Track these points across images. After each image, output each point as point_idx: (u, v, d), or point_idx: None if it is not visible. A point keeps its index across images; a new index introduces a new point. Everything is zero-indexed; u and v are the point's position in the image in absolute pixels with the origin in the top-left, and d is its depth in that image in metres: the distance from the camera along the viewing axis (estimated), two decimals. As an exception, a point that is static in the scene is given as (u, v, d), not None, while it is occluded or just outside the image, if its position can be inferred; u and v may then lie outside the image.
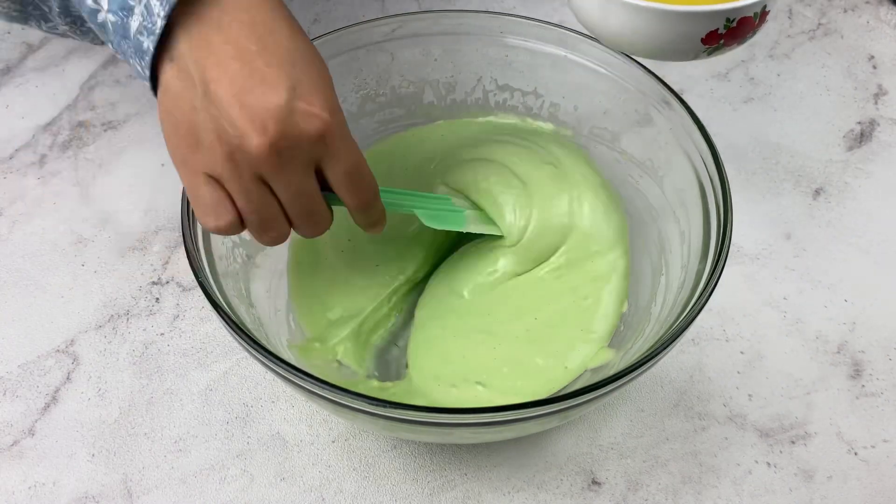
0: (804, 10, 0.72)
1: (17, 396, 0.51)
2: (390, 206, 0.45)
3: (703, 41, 0.43)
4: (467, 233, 0.51)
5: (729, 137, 0.63)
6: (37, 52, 0.69)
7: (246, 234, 0.49)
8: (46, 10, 0.45)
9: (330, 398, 0.39)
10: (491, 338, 0.48)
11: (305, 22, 0.70)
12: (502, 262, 0.51)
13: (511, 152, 0.53)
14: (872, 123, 0.65)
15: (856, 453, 0.49)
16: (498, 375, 0.47)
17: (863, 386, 0.51)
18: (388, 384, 0.48)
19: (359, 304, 0.50)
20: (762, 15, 0.43)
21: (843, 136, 0.64)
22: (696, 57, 0.44)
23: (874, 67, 0.68)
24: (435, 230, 0.52)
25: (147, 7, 0.35)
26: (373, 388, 0.48)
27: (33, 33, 0.70)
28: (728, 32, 0.43)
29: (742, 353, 0.52)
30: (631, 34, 0.43)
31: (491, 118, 0.57)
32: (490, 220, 0.50)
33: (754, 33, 0.44)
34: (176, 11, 0.35)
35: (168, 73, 0.36)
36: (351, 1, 0.71)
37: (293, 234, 0.52)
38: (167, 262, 0.56)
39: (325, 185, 0.40)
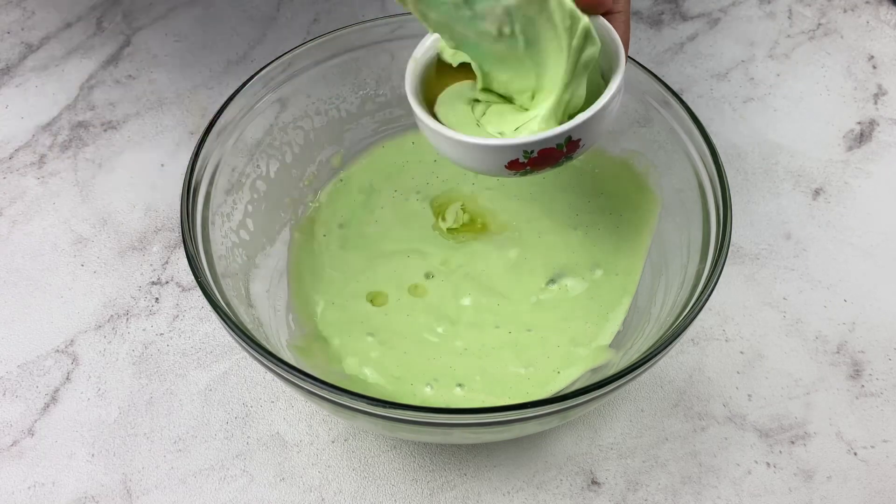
0: (804, 10, 0.72)
1: (16, 396, 0.51)
2: None
3: (508, 168, 0.41)
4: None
5: (729, 137, 0.63)
6: (36, 52, 0.69)
7: (245, 234, 0.49)
8: None
9: (329, 398, 0.39)
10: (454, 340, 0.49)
11: (305, 22, 0.70)
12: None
13: None
14: (872, 123, 0.65)
15: (855, 453, 0.49)
16: (471, 381, 0.47)
17: (862, 386, 0.51)
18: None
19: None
20: (571, 144, 0.40)
21: (843, 136, 0.64)
22: (512, 176, 0.42)
23: (874, 67, 0.68)
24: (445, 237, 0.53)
25: None
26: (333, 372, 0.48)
27: (33, 33, 0.70)
28: (531, 161, 0.40)
29: (742, 353, 0.52)
30: (445, 151, 0.43)
31: None
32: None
33: (570, 158, 0.41)
34: None
35: None
36: (351, 1, 0.71)
37: (292, 236, 0.53)
38: (167, 263, 0.56)
39: None
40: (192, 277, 0.43)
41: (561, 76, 0.39)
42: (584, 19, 0.37)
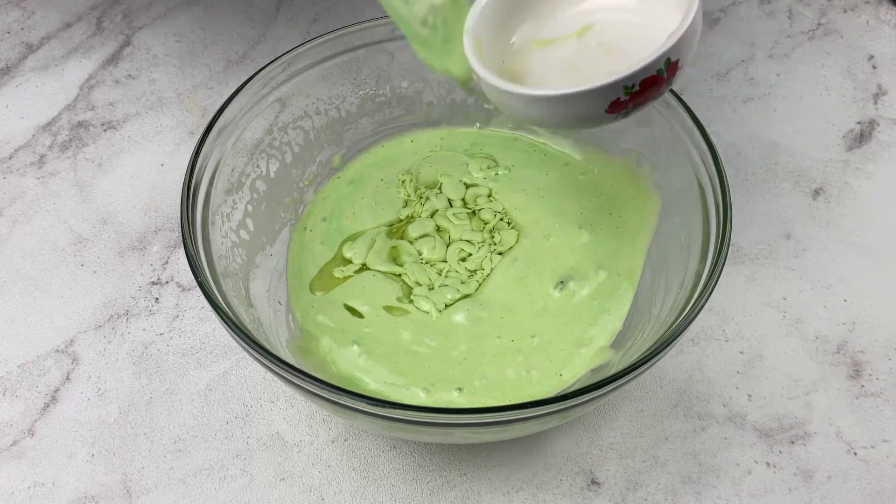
0: (804, 10, 0.72)
1: (16, 396, 0.51)
2: None
3: (609, 111, 0.38)
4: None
5: (729, 137, 0.63)
6: (36, 52, 0.69)
7: (245, 234, 0.49)
8: None
9: (329, 398, 0.39)
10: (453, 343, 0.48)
11: (305, 22, 0.70)
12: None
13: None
14: (872, 123, 0.65)
15: (855, 453, 0.49)
16: (470, 386, 0.47)
17: (862, 386, 0.51)
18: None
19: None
20: (672, 66, 0.38)
21: (843, 136, 0.64)
22: (610, 122, 0.40)
23: (874, 67, 0.68)
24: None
25: None
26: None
27: (33, 33, 0.70)
28: (633, 97, 0.38)
29: (742, 353, 0.52)
30: (536, 117, 0.41)
31: (491, 129, 0.58)
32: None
33: (670, 84, 0.39)
34: None
35: None
36: (351, 1, 0.71)
37: (292, 236, 0.53)
38: (167, 262, 0.56)
39: None
40: (192, 277, 0.43)
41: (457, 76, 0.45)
42: None
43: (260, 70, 0.50)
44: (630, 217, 0.52)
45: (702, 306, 0.41)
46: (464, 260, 0.51)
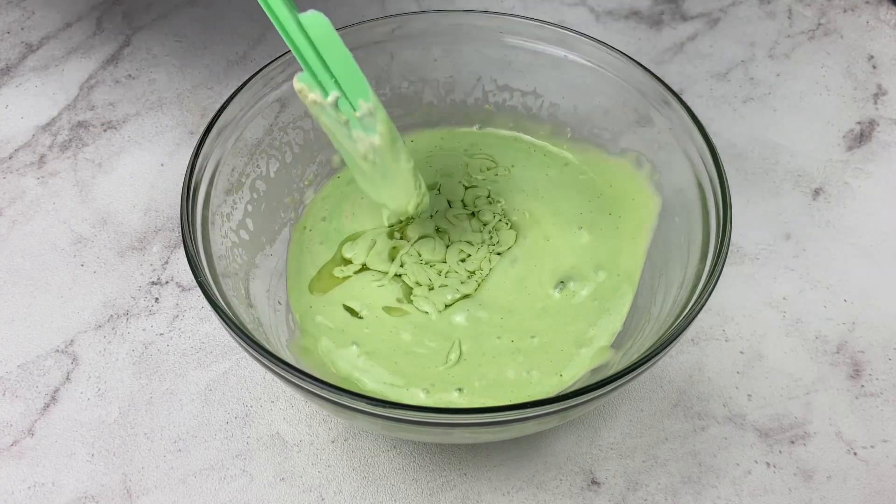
0: (804, 9, 0.72)
1: (16, 396, 0.51)
2: None
3: None
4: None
5: (729, 137, 0.63)
6: (36, 52, 0.69)
7: (245, 234, 0.49)
8: None
9: (329, 398, 0.39)
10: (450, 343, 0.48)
11: (305, 22, 0.70)
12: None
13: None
14: (872, 123, 0.65)
15: (855, 453, 0.49)
16: (469, 387, 0.47)
17: (862, 386, 0.51)
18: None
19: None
20: None
21: (843, 136, 0.64)
22: None
23: (874, 67, 0.68)
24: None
25: None
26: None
27: (33, 33, 0.70)
28: None
29: (742, 353, 0.52)
30: None
31: (491, 129, 0.58)
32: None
33: None
34: None
35: None
36: (351, 1, 0.71)
37: (292, 235, 0.53)
38: (167, 263, 0.56)
39: None
40: (192, 277, 0.43)
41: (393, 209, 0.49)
42: (426, 198, 0.49)
43: (260, 70, 0.50)
44: (630, 217, 0.52)
45: (702, 306, 0.41)
46: (463, 261, 0.51)
